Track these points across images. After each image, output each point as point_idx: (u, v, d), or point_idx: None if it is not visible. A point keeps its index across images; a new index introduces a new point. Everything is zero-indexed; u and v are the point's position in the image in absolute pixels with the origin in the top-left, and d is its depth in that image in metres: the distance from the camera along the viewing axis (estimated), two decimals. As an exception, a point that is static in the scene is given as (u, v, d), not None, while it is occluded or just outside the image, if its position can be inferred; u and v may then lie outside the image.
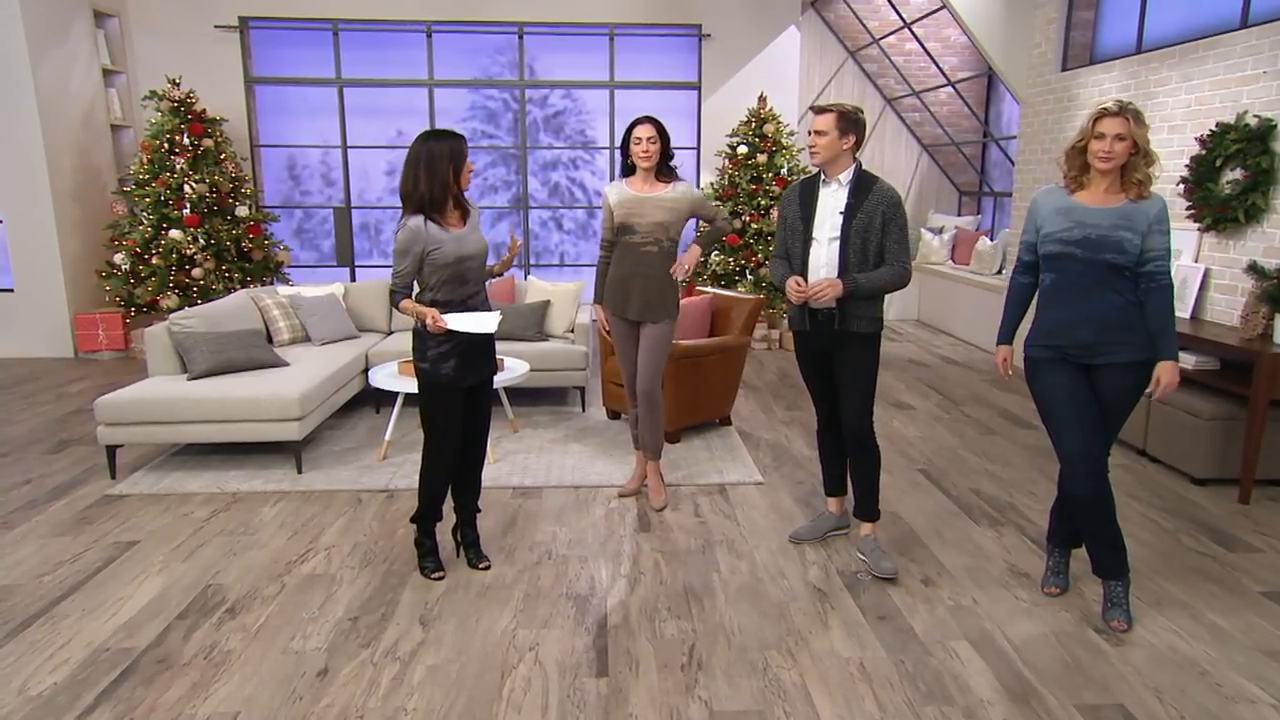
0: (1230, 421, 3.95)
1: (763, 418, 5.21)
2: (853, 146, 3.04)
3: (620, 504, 3.82)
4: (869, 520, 3.26)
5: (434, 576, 3.10)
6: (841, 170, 3.06)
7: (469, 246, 2.93)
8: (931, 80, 8.62)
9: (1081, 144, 2.70)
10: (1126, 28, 5.50)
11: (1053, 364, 2.78)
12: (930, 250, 8.80)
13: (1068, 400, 2.73)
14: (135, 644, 2.65)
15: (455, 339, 2.91)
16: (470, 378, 3.02)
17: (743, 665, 2.56)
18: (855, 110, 3.05)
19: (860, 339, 3.12)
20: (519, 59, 7.85)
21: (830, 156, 3.02)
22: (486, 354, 3.08)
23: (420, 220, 2.84)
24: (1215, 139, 4.39)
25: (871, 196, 3.01)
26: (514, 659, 2.59)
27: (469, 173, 2.92)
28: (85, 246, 6.91)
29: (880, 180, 3.06)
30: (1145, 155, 2.63)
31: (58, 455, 4.44)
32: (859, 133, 3.03)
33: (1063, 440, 2.75)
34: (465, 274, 2.95)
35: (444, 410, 3.00)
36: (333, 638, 2.70)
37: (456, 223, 2.95)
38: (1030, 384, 2.86)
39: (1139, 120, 2.62)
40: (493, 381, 3.19)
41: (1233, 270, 4.39)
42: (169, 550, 3.32)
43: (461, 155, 2.87)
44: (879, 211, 3.00)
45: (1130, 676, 2.50)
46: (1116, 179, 2.68)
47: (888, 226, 3.00)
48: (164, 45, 7.36)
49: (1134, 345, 2.69)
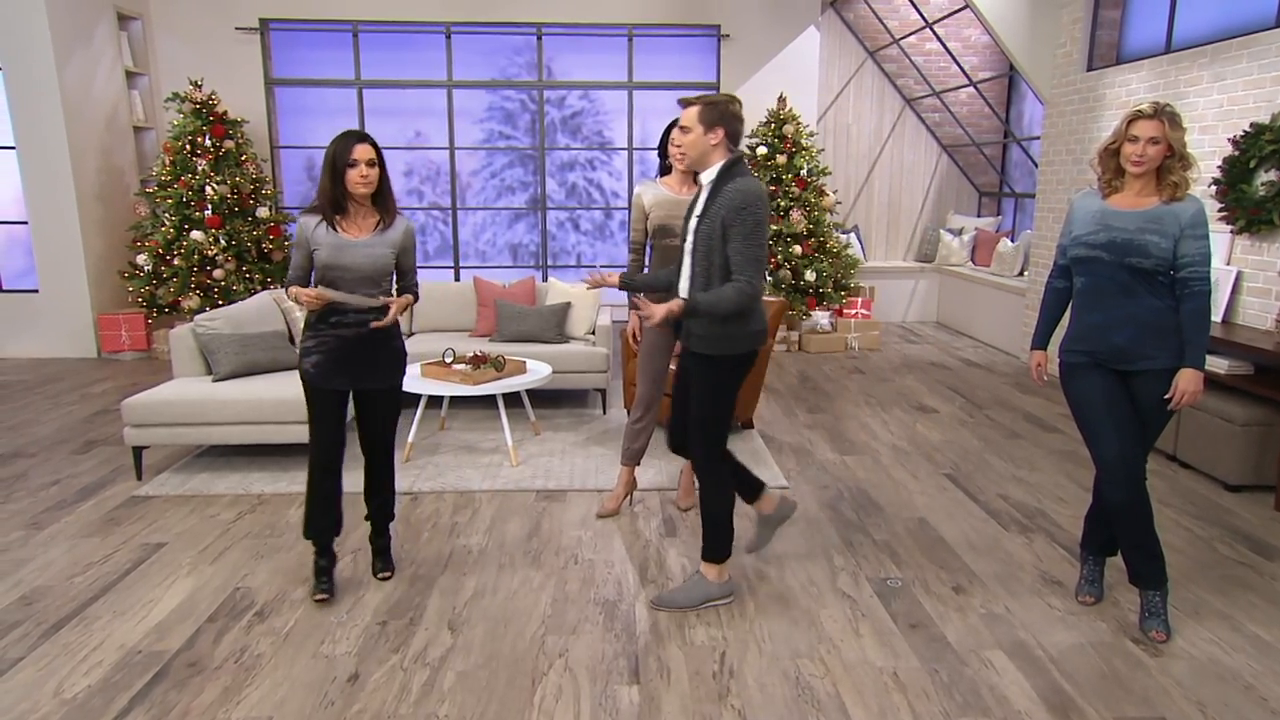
0: (1265, 427, 3.89)
1: (785, 421, 5.17)
2: (723, 141, 2.69)
3: (644, 508, 3.80)
4: (703, 559, 2.92)
5: (315, 598, 2.92)
6: (710, 169, 2.74)
7: (346, 258, 2.76)
8: (952, 80, 8.55)
9: (1115, 146, 2.65)
10: (1155, 27, 5.43)
11: (1087, 369, 2.73)
12: (950, 251, 8.73)
13: (1103, 405, 2.68)
14: (167, 647, 2.65)
15: (322, 335, 2.83)
16: (339, 381, 2.85)
17: (775, 673, 2.54)
18: (726, 100, 2.72)
19: (701, 361, 2.77)
20: (537, 60, 7.85)
21: (697, 155, 2.73)
22: (370, 360, 2.88)
23: (314, 218, 2.80)
24: (1249, 140, 4.32)
25: (718, 199, 2.65)
26: (544, 665, 2.58)
27: (360, 176, 2.73)
28: (108, 247, 6.95)
29: (740, 179, 2.65)
30: (1181, 159, 2.58)
31: (84, 456, 4.47)
32: (729, 124, 2.68)
33: (1099, 446, 2.70)
34: (335, 284, 2.78)
35: (310, 409, 2.88)
36: (362, 642, 2.70)
37: (361, 230, 2.82)
38: (1065, 389, 2.81)
39: (1175, 123, 2.56)
40: (392, 393, 2.98)
41: (1266, 273, 4.32)
42: (197, 552, 3.33)
43: (341, 158, 2.72)
44: (719, 217, 2.63)
45: (1171, 689, 2.46)
46: (1151, 181, 2.63)
47: (728, 233, 2.62)
48: (186, 47, 7.40)
49: (1170, 351, 2.63)
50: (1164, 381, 2.65)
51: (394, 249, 2.87)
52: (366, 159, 2.74)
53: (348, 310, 2.82)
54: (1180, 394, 2.60)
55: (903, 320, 8.93)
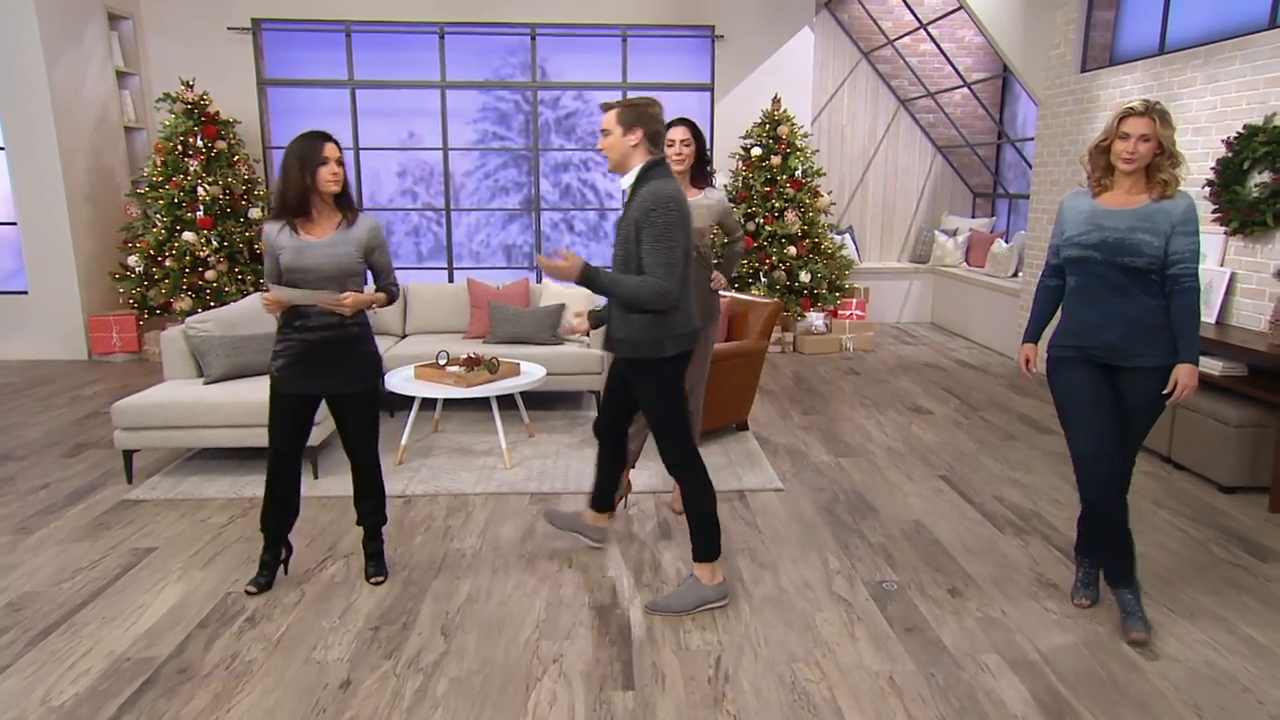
0: (1259, 429, 3.89)
1: (780, 423, 5.16)
2: (643, 142, 2.71)
3: (639, 510, 3.78)
4: (695, 560, 2.91)
5: (247, 588, 2.98)
6: (631, 172, 2.76)
7: (307, 259, 2.74)
8: (946, 81, 8.56)
9: (1105, 143, 2.65)
10: (1148, 28, 5.44)
11: (1075, 365, 2.74)
12: (944, 252, 8.74)
13: (1086, 402, 2.69)
14: (156, 653, 2.62)
15: (288, 339, 2.83)
16: (304, 385, 2.84)
17: (770, 678, 2.52)
18: (645, 103, 2.74)
19: (633, 368, 2.81)
20: (531, 60, 7.83)
21: (618, 157, 2.74)
22: (336, 365, 2.84)
23: (276, 224, 2.80)
24: (1242, 141, 4.32)
25: (634, 201, 2.68)
26: (538, 671, 2.56)
27: (331, 174, 2.73)
28: (99, 249, 6.91)
29: (655, 181, 2.68)
30: (1171, 156, 2.58)
31: (74, 459, 4.43)
32: (648, 125, 2.71)
33: (1077, 442, 2.72)
34: (298, 286, 2.77)
35: (270, 409, 2.92)
36: (354, 648, 2.67)
37: (324, 230, 2.80)
38: (1051, 383, 2.82)
39: (1165, 121, 2.56)
40: (363, 398, 2.94)
41: (1260, 275, 4.32)
42: (187, 557, 3.30)
43: (311, 157, 2.71)
44: (633, 219, 2.66)
45: (1168, 693, 2.45)
46: (1141, 179, 2.64)
47: (640, 235, 2.63)
48: (177, 47, 7.35)
49: (1161, 349, 2.64)
50: (1154, 379, 2.66)
51: (359, 246, 2.85)
52: (336, 157, 2.76)
53: (311, 313, 2.81)
54: (1181, 389, 2.61)
55: (897, 321, 8.93)
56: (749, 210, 7.23)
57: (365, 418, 3.01)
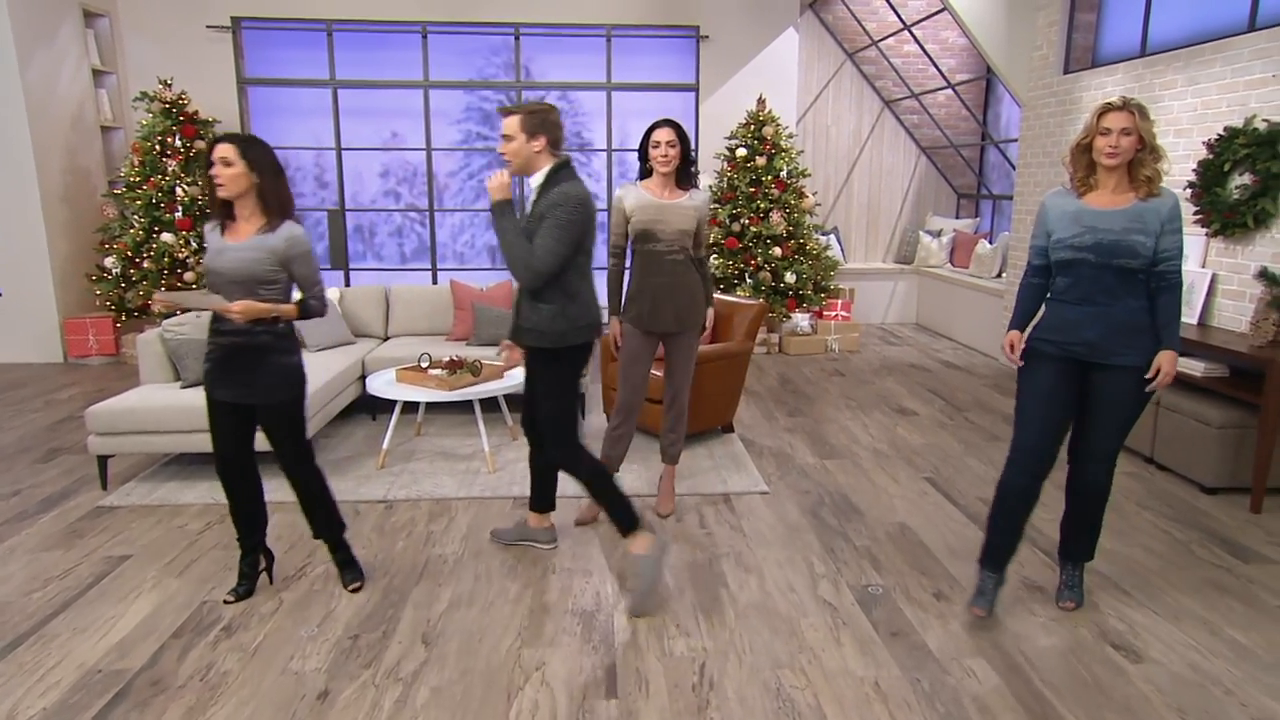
0: (1240, 430, 3.91)
1: (765, 425, 5.14)
2: (545, 147, 2.87)
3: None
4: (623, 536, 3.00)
5: (225, 598, 2.95)
6: (536, 174, 2.91)
7: (219, 262, 2.70)
8: (930, 82, 8.58)
9: (1086, 141, 2.66)
10: (1130, 30, 5.47)
11: (1048, 360, 2.76)
12: (929, 253, 8.76)
13: (1044, 397, 2.75)
14: (128, 665, 2.57)
15: (211, 341, 2.80)
16: (222, 392, 2.80)
17: (755, 685, 2.50)
18: (545, 110, 2.88)
19: (534, 356, 2.98)
20: (515, 60, 7.78)
21: (523, 161, 2.89)
22: (246, 375, 2.76)
23: (211, 224, 2.78)
24: (1223, 143, 4.35)
25: (542, 199, 2.85)
26: (520, 679, 2.52)
27: (218, 179, 2.65)
28: (75, 250, 6.79)
29: (565, 183, 2.85)
30: (1152, 151, 2.59)
31: (47, 465, 4.34)
32: (550, 132, 2.86)
33: (1023, 432, 2.78)
34: (213, 288, 2.73)
35: (208, 414, 2.88)
36: (333, 657, 2.62)
37: (243, 235, 2.71)
38: (1020, 371, 2.86)
39: (1144, 114, 2.58)
40: (277, 411, 2.81)
41: (1241, 276, 4.35)
42: (162, 565, 3.24)
43: (208, 159, 2.68)
44: (539, 213, 2.83)
45: (1153, 696, 2.44)
46: (1124, 177, 2.64)
47: (542, 222, 2.81)
48: (155, 46, 7.25)
49: (1141, 349, 2.66)
50: (1131, 378, 2.69)
51: (271, 254, 2.70)
52: (219, 157, 2.65)
53: (224, 319, 2.73)
54: (1163, 376, 2.62)
55: (882, 322, 8.95)
56: (734, 211, 7.22)
57: (280, 431, 2.86)
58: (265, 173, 2.70)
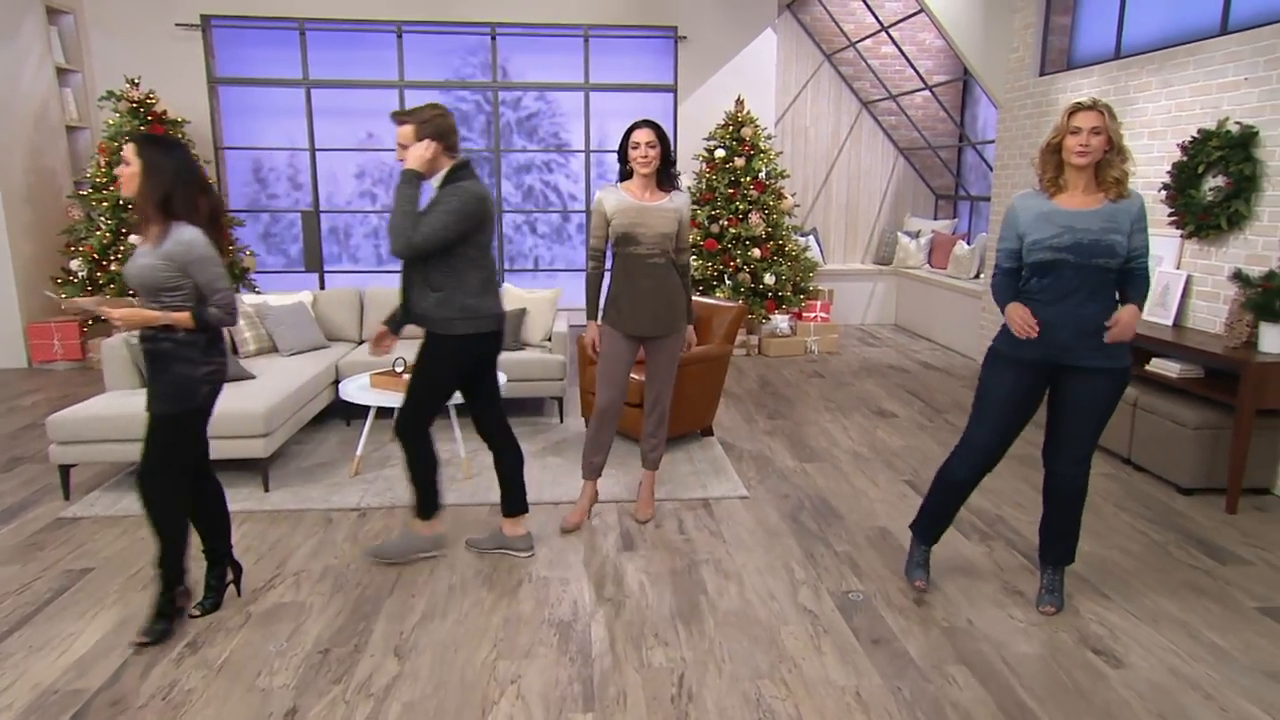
0: (1215, 430, 3.93)
1: (745, 428, 5.11)
2: (442, 151, 2.94)
3: (601, 521, 3.70)
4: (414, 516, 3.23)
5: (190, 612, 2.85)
6: (435, 176, 2.98)
7: (127, 268, 2.62)
8: (908, 84, 8.61)
9: (1056, 141, 2.67)
10: (1104, 33, 5.50)
11: (1013, 366, 2.77)
12: (907, 254, 8.78)
13: (1005, 401, 2.79)
14: (87, 685, 2.47)
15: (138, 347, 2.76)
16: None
17: (735, 696, 2.45)
18: (435, 115, 2.93)
19: (426, 335, 3.07)
20: (492, 60, 7.70)
21: (420, 166, 2.93)
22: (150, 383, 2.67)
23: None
24: (1197, 146, 4.37)
25: (438, 193, 2.95)
26: (495, 693, 2.46)
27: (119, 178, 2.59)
28: (39, 252, 6.63)
29: (464, 181, 2.94)
30: (1120, 152, 2.62)
31: (8, 475, 4.21)
32: (444, 137, 2.93)
33: (979, 431, 2.84)
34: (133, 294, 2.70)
35: None
36: (302, 673, 2.55)
37: (150, 238, 2.60)
38: (983, 370, 2.87)
39: (1112, 115, 2.61)
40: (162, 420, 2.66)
41: (1215, 277, 4.37)
42: (126, 578, 3.14)
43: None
44: (435, 203, 2.93)
45: (1133, 701, 2.43)
46: (1093, 178, 2.66)
47: (436, 207, 2.90)
48: (122, 44, 7.10)
49: (1110, 352, 2.68)
50: (1102, 380, 2.71)
51: (167, 260, 2.55)
52: (123, 157, 2.59)
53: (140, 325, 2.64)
54: (1122, 326, 2.61)
55: (861, 323, 8.96)
56: (713, 212, 7.19)
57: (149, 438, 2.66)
58: (160, 174, 2.55)
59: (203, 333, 2.65)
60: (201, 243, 2.59)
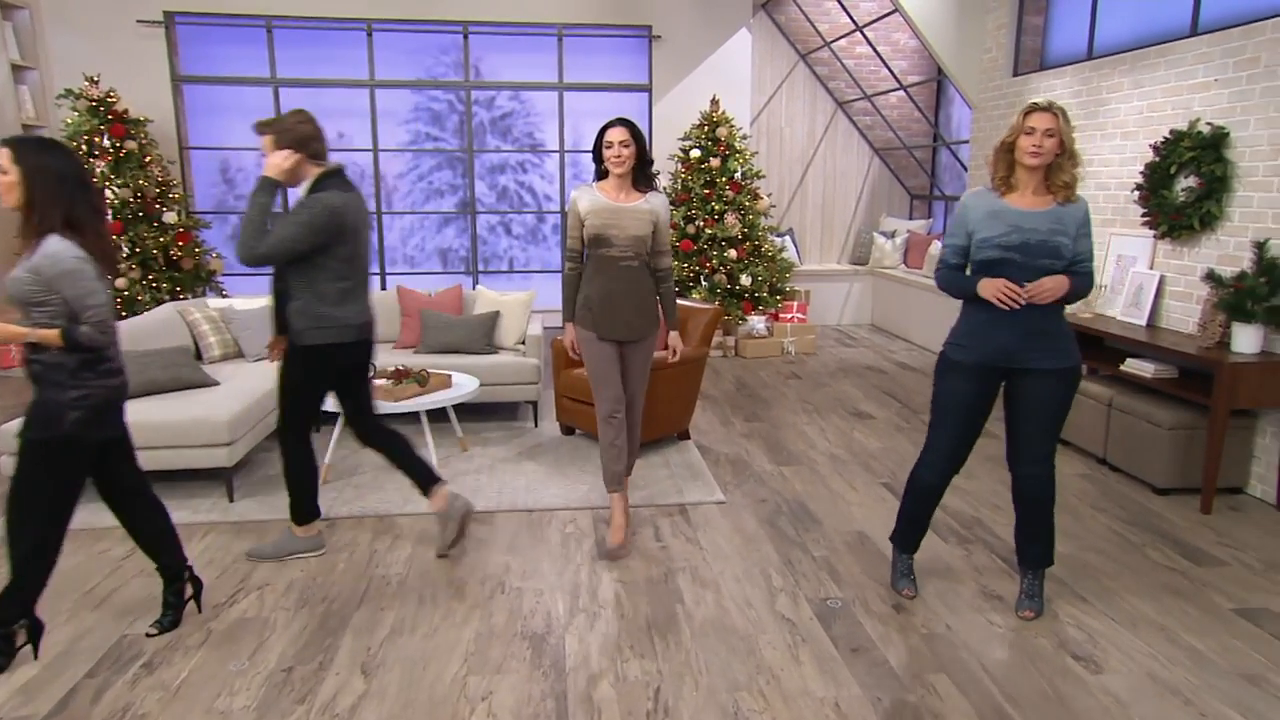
0: (1190, 430, 3.94)
1: (721, 430, 5.06)
2: (305, 160, 2.99)
3: (576, 529, 3.63)
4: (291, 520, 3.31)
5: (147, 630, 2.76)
6: (302, 185, 3.05)
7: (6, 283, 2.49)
8: (883, 84, 8.62)
9: (1011, 140, 2.68)
10: (1077, 34, 5.52)
11: (965, 371, 2.78)
12: (883, 254, 8.79)
13: (959, 407, 2.81)
14: (34, 711, 2.36)
15: None
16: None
17: (712, 709, 2.40)
18: (295, 125, 2.98)
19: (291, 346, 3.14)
20: (464, 59, 7.59)
21: (284, 176, 2.98)
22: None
23: None
24: (1169, 146, 4.39)
25: (297, 204, 3.00)
26: (465, 711, 2.38)
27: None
28: (-4, 255, 6.42)
29: (328, 191, 2.98)
30: (1071, 156, 2.63)
31: (-41, 487, 4.05)
32: (304, 146, 2.97)
33: (939, 435, 2.87)
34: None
35: None
36: (264, 693, 2.46)
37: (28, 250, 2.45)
38: (936, 379, 2.88)
39: (1066, 118, 2.63)
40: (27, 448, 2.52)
41: (1188, 277, 4.39)
42: (79, 595, 3.02)
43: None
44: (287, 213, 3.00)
45: (1113, 708, 2.40)
46: (1042, 180, 2.67)
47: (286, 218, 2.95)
48: (81, 40, 6.90)
49: (1057, 352, 2.70)
50: (1051, 380, 2.72)
51: (34, 275, 2.38)
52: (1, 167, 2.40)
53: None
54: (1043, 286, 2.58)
55: (838, 323, 8.96)
56: (688, 213, 7.14)
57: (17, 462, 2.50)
58: (35, 181, 2.38)
59: (73, 353, 2.44)
60: (70, 256, 2.38)
